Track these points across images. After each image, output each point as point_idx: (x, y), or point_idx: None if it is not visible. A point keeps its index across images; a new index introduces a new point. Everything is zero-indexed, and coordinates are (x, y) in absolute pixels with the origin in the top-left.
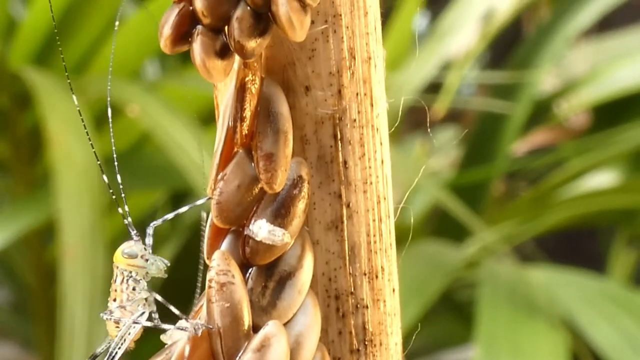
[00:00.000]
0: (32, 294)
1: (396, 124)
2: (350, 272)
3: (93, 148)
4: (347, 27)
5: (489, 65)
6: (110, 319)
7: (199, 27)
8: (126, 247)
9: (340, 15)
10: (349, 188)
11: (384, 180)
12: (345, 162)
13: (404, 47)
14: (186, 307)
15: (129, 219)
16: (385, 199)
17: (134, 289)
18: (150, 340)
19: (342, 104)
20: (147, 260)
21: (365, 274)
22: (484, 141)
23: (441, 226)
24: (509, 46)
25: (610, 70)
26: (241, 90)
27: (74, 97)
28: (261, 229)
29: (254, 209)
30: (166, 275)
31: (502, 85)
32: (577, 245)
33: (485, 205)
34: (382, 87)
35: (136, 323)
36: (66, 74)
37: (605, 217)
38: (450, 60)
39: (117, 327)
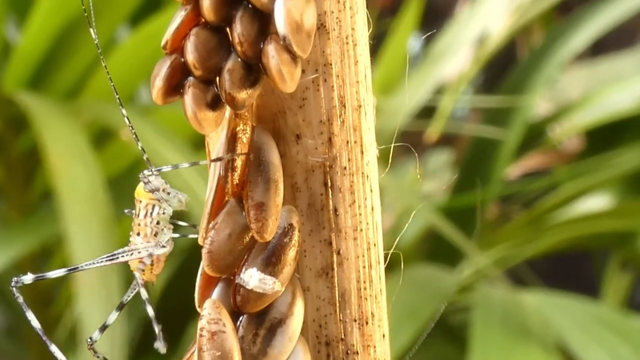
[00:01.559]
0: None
1: (391, 150)
2: (341, 318)
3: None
4: (338, 76)
5: (482, 88)
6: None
7: (190, 78)
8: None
9: (331, 64)
10: (340, 235)
11: (374, 227)
12: (335, 210)
13: (398, 70)
14: (179, 331)
15: (146, 155)
16: (375, 245)
17: (158, 222)
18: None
19: (332, 152)
20: (168, 193)
21: (355, 320)
22: (478, 165)
23: (435, 250)
24: (502, 70)
25: (603, 95)
26: (232, 139)
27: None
28: (252, 277)
29: (245, 257)
30: (186, 209)
31: (495, 108)
32: (571, 268)
33: (479, 228)
34: (372, 135)
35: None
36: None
37: (598, 240)
38: (444, 84)
39: (141, 261)
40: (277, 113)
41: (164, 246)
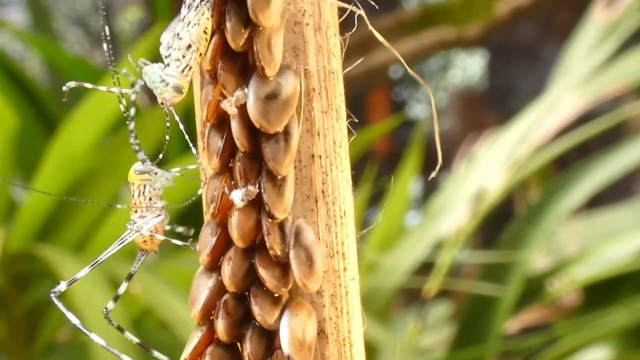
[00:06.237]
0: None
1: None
2: None
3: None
4: None
5: (481, 242)
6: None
7: None
8: (137, 165)
9: None
10: None
11: None
12: None
13: (397, 224)
14: None
15: (137, 141)
16: None
17: (150, 199)
18: None
19: None
20: (156, 173)
21: None
22: (477, 319)
23: None
24: (500, 225)
25: (600, 250)
26: None
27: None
28: None
29: None
30: (174, 185)
31: (494, 262)
32: None
33: None
34: None
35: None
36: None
37: None
38: (442, 239)
39: (142, 235)
40: None
41: (159, 215)
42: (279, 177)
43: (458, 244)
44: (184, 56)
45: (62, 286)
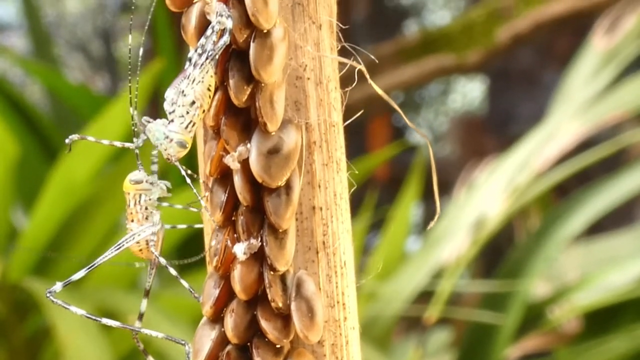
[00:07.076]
0: None
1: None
2: None
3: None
4: None
5: (481, 269)
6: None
7: None
8: (132, 175)
9: None
10: None
11: None
12: None
13: (399, 251)
14: None
15: (137, 150)
16: None
17: (146, 208)
18: None
19: None
20: (151, 183)
21: None
22: (477, 346)
23: None
24: (500, 252)
25: (601, 276)
26: None
27: None
28: None
29: None
30: (170, 195)
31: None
32: None
33: None
34: None
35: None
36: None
37: None
38: (443, 266)
39: (138, 243)
40: None
41: (156, 224)
42: (280, 231)
43: (458, 271)
44: (187, 112)
45: (58, 287)
